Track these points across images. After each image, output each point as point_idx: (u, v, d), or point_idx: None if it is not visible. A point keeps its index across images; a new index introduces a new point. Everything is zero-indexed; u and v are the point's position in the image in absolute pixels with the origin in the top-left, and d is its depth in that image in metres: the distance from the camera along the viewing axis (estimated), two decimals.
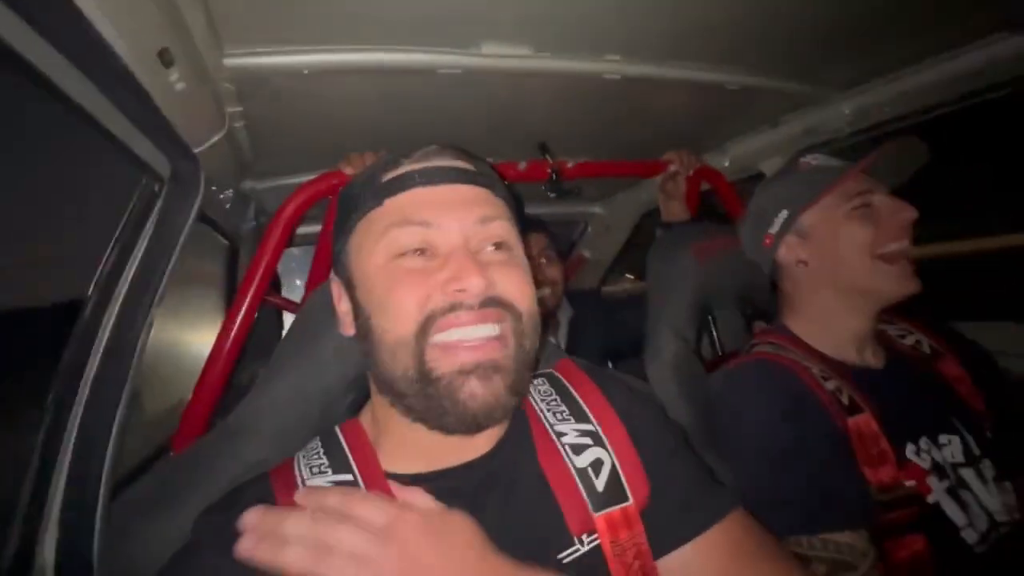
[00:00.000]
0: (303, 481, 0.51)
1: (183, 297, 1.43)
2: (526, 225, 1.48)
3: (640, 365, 0.95)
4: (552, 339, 1.54)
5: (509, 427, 0.59)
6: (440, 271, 0.50)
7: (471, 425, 0.49)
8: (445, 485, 0.52)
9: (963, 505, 0.71)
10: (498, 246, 0.54)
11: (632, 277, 2.50)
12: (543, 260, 1.51)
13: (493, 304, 0.50)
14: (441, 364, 0.48)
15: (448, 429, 0.50)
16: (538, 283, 1.69)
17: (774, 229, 0.89)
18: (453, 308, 0.49)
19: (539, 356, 0.56)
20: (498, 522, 0.51)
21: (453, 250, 0.51)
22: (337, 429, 0.58)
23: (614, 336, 1.62)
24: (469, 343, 0.49)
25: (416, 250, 0.51)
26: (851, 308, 0.83)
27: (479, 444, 0.56)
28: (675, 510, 0.57)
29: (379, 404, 0.56)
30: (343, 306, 0.57)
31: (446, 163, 0.56)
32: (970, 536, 0.70)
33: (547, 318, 1.57)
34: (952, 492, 0.71)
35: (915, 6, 0.88)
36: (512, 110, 1.12)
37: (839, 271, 0.82)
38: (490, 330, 0.50)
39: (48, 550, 0.64)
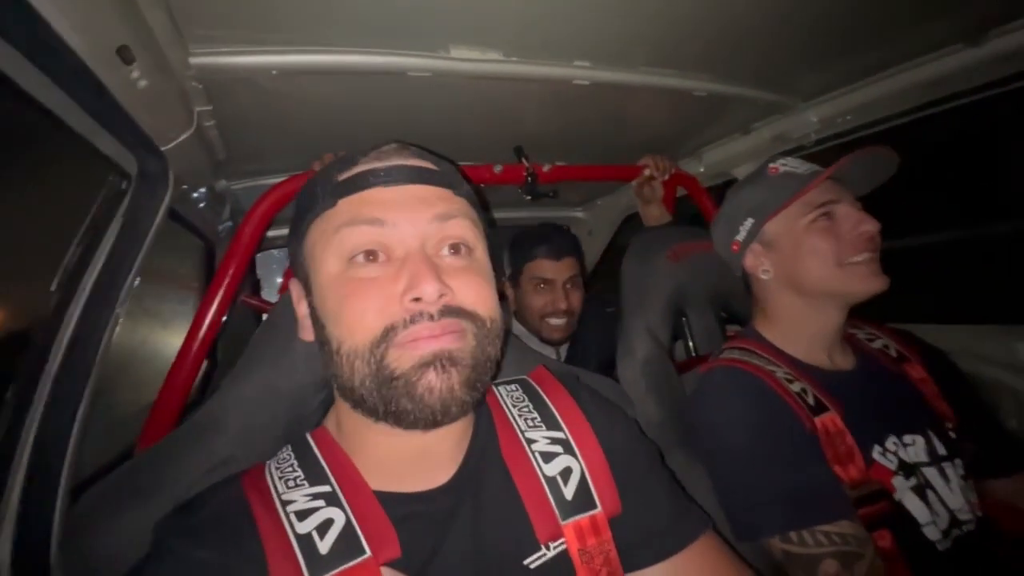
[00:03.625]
0: (279, 495, 0.49)
1: (158, 297, 1.41)
2: (525, 239, 1.45)
3: None
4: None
5: (476, 437, 0.58)
6: (397, 280, 0.48)
7: (429, 420, 0.48)
8: (418, 509, 0.51)
9: (926, 503, 0.72)
10: (456, 249, 0.52)
11: None
12: (568, 286, 1.44)
13: (452, 314, 0.48)
14: (402, 361, 0.46)
15: (408, 424, 0.48)
16: (563, 312, 1.59)
17: (740, 237, 0.89)
18: (413, 321, 0.47)
19: (500, 364, 0.55)
20: (468, 538, 0.51)
21: (409, 254, 0.49)
22: (309, 437, 0.56)
23: (611, 341, 1.62)
24: (430, 332, 0.47)
25: (367, 252, 0.49)
26: (819, 311, 0.84)
27: (448, 459, 0.55)
28: (647, 530, 0.57)
29: (342, 408, 0.55)
30: (302, 309, 0.55)
31: (405, 162, 0.54)
32: (932, 533, 0.71)
33: (561, 343, 1.53)
34: (917, 490, 0.73)
35: (877, 20, 0.91)
36: (486, 114, 1.13)
37: (803, 280, 0.82)
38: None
39: (4, 548, 0.63)
